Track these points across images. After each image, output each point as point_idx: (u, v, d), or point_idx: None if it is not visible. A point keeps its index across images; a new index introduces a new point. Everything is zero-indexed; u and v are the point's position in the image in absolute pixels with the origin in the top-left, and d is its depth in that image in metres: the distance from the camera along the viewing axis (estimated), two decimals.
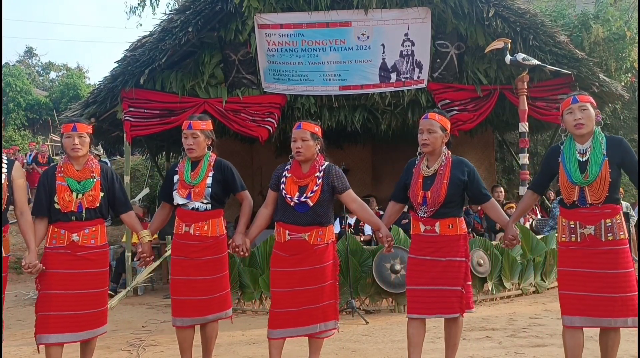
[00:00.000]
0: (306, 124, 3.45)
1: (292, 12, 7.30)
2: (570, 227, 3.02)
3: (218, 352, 4.48)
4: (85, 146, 3.43)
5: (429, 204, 3.23)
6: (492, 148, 11.30)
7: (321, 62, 7.47)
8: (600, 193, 2.92)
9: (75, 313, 3.32)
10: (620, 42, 10.66)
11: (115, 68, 7.32)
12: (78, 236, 3.36)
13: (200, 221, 3.48)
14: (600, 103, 8.29)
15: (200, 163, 3.55)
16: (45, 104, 23.06)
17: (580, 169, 2.97)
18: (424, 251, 3.29)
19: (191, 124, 3.54)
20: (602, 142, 2.98)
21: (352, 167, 10.02)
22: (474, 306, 3.41)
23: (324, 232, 3.37)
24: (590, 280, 2.93)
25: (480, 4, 7.00)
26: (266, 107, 7.53)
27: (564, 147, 3.08)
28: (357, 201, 3.45)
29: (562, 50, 7.21)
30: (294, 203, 3.31)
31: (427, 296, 3.24)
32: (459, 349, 4.25)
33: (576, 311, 2.96)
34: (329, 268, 3.39)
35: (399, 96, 7.63)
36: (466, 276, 3.29)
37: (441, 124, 3.29)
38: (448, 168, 3.26)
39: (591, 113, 3.00)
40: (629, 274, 2.93)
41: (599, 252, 2.94)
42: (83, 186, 3.39)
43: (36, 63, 32.61)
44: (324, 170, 3.38)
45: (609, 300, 2.90)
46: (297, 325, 3.32)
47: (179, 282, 3.50)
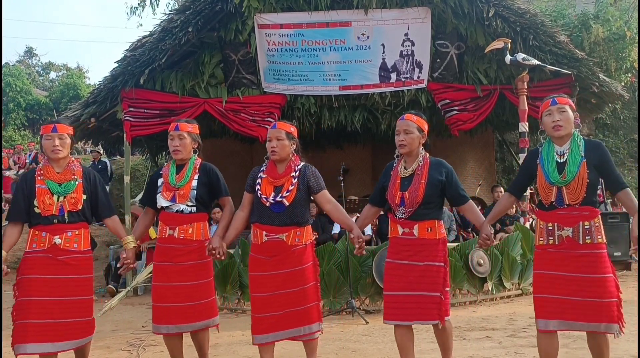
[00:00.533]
0: (281, 123, 3.42)
1: (292, 12, 7.30)
2: (548, 229, 3.00)
3: (218, 351, 4.48)
4: (66, 148, 3.32)
5: (407, 205, 3.19)
6: (492, 148, 11.30)
7: (321, 62, 7.47)
8: (578, 193, 2.91)
9: (55, 322, 3.15)
10: (620, 42, 10.67)
11: (115, 68, 7.32)
12: (60, 239, 3.21)
13: (185, 224, 3.42)
14: (600, 103, 8.31)
15: (186, 165, 3.49)
16: (45, 104, 23.06)
17: (559, 169, 2.97)
18: (401, 255, 3.23)
19: (178, 126, 3.51)
20: (581, 144, 2.99)
21: (352, 167, 10.03)
22: (450, 312, 3.28)
23: (302, 232, 3.33)
24: (566, 283, 2.91)
25: (480, 4, 7.00)
26: (266, 107, 7.53)
27: (542, 149, 3.09)
28: (332, 201, 3.42)
29: (562, 50, 7.21)
30: (269, 203, 3.28)
31: (404, 302, 3.18)
32: (459, 349, 4.26)
33: (551, 315, 2.94)
34: (310, 270, 3.35)
35: (399, 96, 7.63)
36: (445, 282, 3.21)
37: (418, 125, 3.27)
38: (426, 168, 3.24)
39: (570, 115, 3.01)
40: (607, 279, 2.89)
41: (577, 255, 2.92)
42: (64, 189, 3.26)
43: (36, 63, 32.62)
44: (299, 170, 3.36)
45: (585, 304, 2.87)
46: (280, 328, 3.27)
47: (162, 288, 3.42)
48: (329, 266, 5.96)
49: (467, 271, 6.24)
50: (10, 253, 3.32)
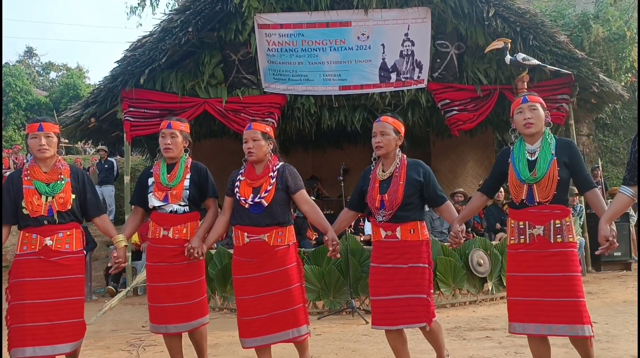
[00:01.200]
0: (256, 124, 3.40)
1: (292, 12, 7.30)
2: (519, 228, 2.99)
3: (218, 351, 4.48)
4: (52, 147, 3.24)
5: (386, 207, 3.18)
6: (492, 148, 11.30)
7: (321, 62, 7.47)
8: (548, 191, 2.91)
9: (52, 324, 3.11)
10: (620, 42, 10.67)
11: (115, 68, 7.32)
12: (51, 241, 3.15)
13: (179, 224, 3.40)
14: (600, 103, 8.32)
15: (177, 164, 3.47)
16: (45, 104, 23.06)
17: (529, 167, 2.96)
18: (385, 258, 3.20)
19: (170, 124, 3.49)
20: (552, 142, 2.99)
21: (352, 167, 10.02)
22: (435, 314, 3.25)
23: (284, 233, 3.30)
24: (540, 284, 2.89)
25: (480, 4, 7.00)
26: (266, 107, 7.53)
27: (514, 147, 3.09)
28: (309, 202, 3.41)
29: (562, 50, 7.22)
30: (248, 205, 3.27)
31: (391, 306, 3.15)
32: (459, 349, 4.27)
33: (527, 318, 2.90)
34: (294, 271, 3.31)
35: (399, 96, 7.63)
36: (430, 283, 3.20)
37: (394, 127, 3.27)
38: (403, 169, 3.23)
39: (540, 113, 3.01)
40: (578, 278, 2.87)
41: (548, 254, 2.90)
42: (52, 189, 3.20)
43: (36, 63, 32.63)
44: (277, 170, 3.35)
45: (561, 304, 2.84)
46: (268, 332, 3.25)
47: (158, 289, 3.40)
48: (329, 266, 5.97)
49: (467, 271, 6.24)
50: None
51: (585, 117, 10.17)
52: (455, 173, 10.75)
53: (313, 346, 4.55)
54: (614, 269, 8.41)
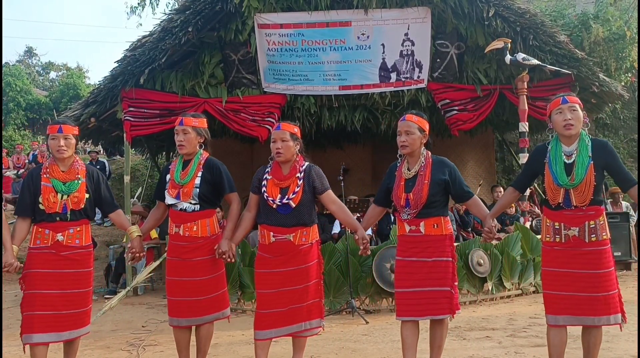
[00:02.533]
0: (285, 124, 3.42)
1: (292, 12, 7.30)
2: (555, 228, 3.05)
3: (218, 351, 4.48)
4: (71, 148, 3.42)
5: (411, 206, 3.24)
6: (492, 148, 11.30)
7: (321, 62, 7.47)
8: (585, 196, 2.96)
9: (59, 313, 3.30)
10: (620, 42, 10.67)
11: (115, 68, 7.31)
12: (62, 236, 3.34)
13: (189, 222, 3.44)
14: (600, 103, 8.31)
15: (191, 162, 3.50)
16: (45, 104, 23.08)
17: (567, 171, 2.99)
18: (409, 252, 3.28)
19: (183, 121, 3.51)
20: (589, 145, 3.01)
21: (352, 167, 10.03)
22: (458, 307, 3.34)
23: (308, 232, 3.37)
24: (574, 280, 2.98)
25: (480, 4, 7.00)
26: (266, 107, 7.52)
27: (550, 148, 3.10)
28: (337, 202, 3.46)
29: (562, 50, 7.21)
30: (276, 205, 3.30)
31: (416, 298, 3.22)
32: (459, 349, 4.27)
33: (560, 311, 3.01)
34: (314, 268, 3.39)
35: (399, 96, 7.63)
36: (453, 276, 3.27)
37: (419, 126, 3.30)
38: (428, 168, 3.27)
39: (580, 114, 3.03)
40: (610, 273, 2.99)
41: (583, 253, 2.98)
42: (68, 188, 3.37)
43: (36, 63, 32.64)
44: (304, 171, 3.39)
45: (592, 299, 2.95)
46: (283, 324, 3.31)
47: (173, 283, 3.49)
48: (329, 266, 5.96)
49: (467, 271, 6.24)
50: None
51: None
52: None
53: (313, 346, 4.55)
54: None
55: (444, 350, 3.83)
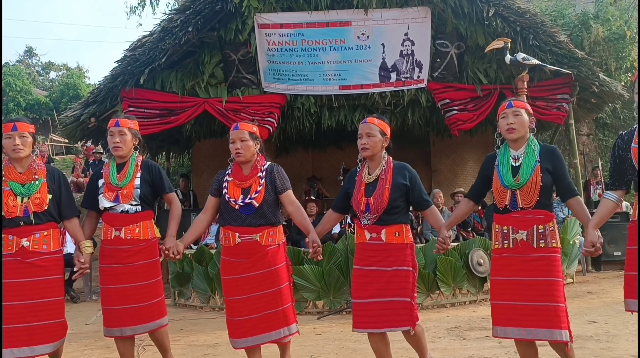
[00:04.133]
0: (243, 124, 3.40)
1: (292, 11, 7.30)
2: (503, 233, 3.00)
3: (218, 351, 4.48)
4: (27, 147, 3.21)
5: (372, 211, 3.16)
6: (492, 148, 11.23)
7: (321, 62, 7.46)
8: (531, 196, 2.92)
9: (29, 325, 3.09)
10: (620, 42, 10.68)
11: (115, 68, 7.31)
12: (28, 242, 3.13)
13: (131, 224, 3.34)
14: (600, 103, 8.31)
15: (127, 164, 3.43)
16: (45, 104, 23.09)
17: (513, 173, 2.98)
18: (369, 260, 3.19)
19: (118, 122, 3.46)
20: (535, 149, 3.00)
21: (352, 167, 9.97)
22: (419, 317, 3.25)
23: (275, 232, 3.31)
24: (522, 288, 2.91)
25: (480, 4, 7.00)
26: (266, 107, 7.53)
27: (499, 153, 3.11)
28: (295, 203, 3.39)
29: (562, 50, 7.21)
30: (238, 206, 3.24)
31: (374, 309, 3.13)
32: (459, 349, 4.27)
33: (509, 322, 2.93)
34: (283, 270, 3.32)
35: (399, 96, 7.63)
36: (413, 287, 3.18)
37: (380, 129, 3.26)
38: (389, 173, 3.22)
39: (524, 119, 3.01)
40: (559, 284, 2.90)
41: (531, 259, 2.92)
42: (27, 189, 3.18)
43: (36, 63, 32.66)
44: (266, 169, 3.34)
45: (541, 308, 2.86)
46: (260, 332, 3.24)
47: (112, 291, 3.35)
48: (329, 266, 5.97)
49: (467, 271, 6.24)
50: None
51: (585, 117, 10.16)
52: (455, 172, 10.75)
53: (313, 346, 4.55)
54: (614, 269, 8.41)
55: (443, 350, 3.83)
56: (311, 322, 5.61)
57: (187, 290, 6.77)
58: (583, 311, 5.52)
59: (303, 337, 4.91)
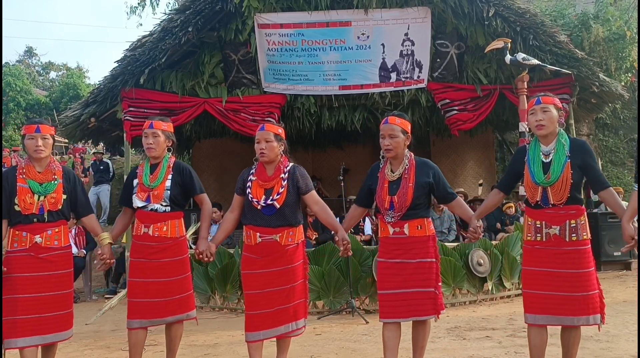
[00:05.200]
0: (269, 125, 3.45)
1: (292, 11, 7.30)
2: (536, 226, 3.07)
3: (218, 351, 4.49)
4: (48, 148, 3.36)
5: (396, 209, 3.23)
6: (492, 148, 11.30)
7: (321, 62, 7.46)
8: (562, 193, 2.98)
9: (41, 316, 3.25)
10: (620, 42, 10.67)
11: (115, 68, 7.31)
12: (41, 238, 3.29)
13: (159, 222, 3.45)
14: (600, 103, 8.31)
15: (159, 165, 3.52)
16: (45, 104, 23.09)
17: (544, 170, 3.02)
18: (392, 253, 3.27)
19: (152, 124, 3.54)
20: (566, 144, 3.04)
21: (352, 167, 10.03)
22: (443, 307, 3.35)
23: (295, 232, 3.37)
24: (554, 279, 2.99)
25: (480, 4, 7.00)
26: (266, 107, 7.52)
27: (529, 148, 3.15)
28: (320, 203, 3.46)
29: (562, 50, 7.21)
30: (260, 206, 3.31)
31: (400, 299, 3.22)
32: (459, 349, 4.27)
33: (539, 310, 3.03)
34: (300, 268, 3.39)
35: (399, 96, 7.63)
36: (437, 277, 3.28)
37: (402, 128, 3.33)
38: (412, 171, 3.28)
39: (553, 114, 3.06)
40: (590, 273, 3.00)
41: (563, 252, 3.00)
42: (45, 189, 3.33)
43: (36, 63, 32.66)
44: (288, 171, 3.39)
45: (571, 298, 2.96)
46: (272, 325, 3.30)
47: (136, 284, 3.46)
48: (329, 266, 5.97)
49: (467, 271, 6.24)
50: None
51: (585, 117, 10.16)
52: (455, 172, 10.75)
53: (313, 346, 4.55)
54: (614, 269, 8.42)
55: (443, 350, 3.83)
56: (311, 322, 5.61)
57: None
58: None
59: (303, 337, 4.90)
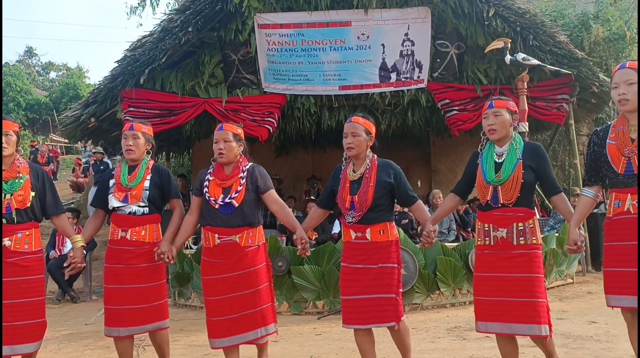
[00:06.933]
0: (228, 125, 3.42)
1: (292, 11, 7.30)
2: (484, 230, 3.06)
3: (218, 352, 4.48)
4: (11, 145, 3.23)
5: (356, 209, 3.21)
6: None
7: (321, 62, 7.47)
8: (512, 193, 2.96)
9: (11, 325, 3.10)
10: (620, 42, 10.68)
11: (115, 68, 7.32)
12: (10, 241, 3.15)
13: (138, 226, 3.40)
14: (600, 103, 8.31)
15: (138, 166, 3.49)
16: (45, 104, 23.12)
17: (495, 169, 3.03)
18: (355, 258, 3.24)
19: (133, 126, 3.51)
20: (518, 147, 3.04)
21: None
22: (404, 314, 3.30)
23: (255, 233, 3.34)
24: (503, 284, 2.96)
25: (480, 4, 7.00)
26: (266, 107, 7.53)
27: (483, 150, 3.17)
28: (279, 202, 3.44)
29: (562, 50, 7.21)
30: (218, 205, 3.27)
31: (361, 305, 3.19)
32: (459, 349, 4.27)
33: (490, 317, 3.01)
34: (263, 271, 3.35)
35: (399, 96, 7.63)
36: (399, 283, 3.24)
37: (365, 128, 3.30)
38: (374, 171, 3.26)
39: (505, 119, 3.06)
40: (539, 279, 2.95)
41: (511, 256, 2.97)
42: (10, 186, 3.19)
43: (36, 63, 32.69)
44: (247, 170, 3.37)
45: (521, 304, 2.92)
46: (238, 332, 3.26)
47: (113, 291, 3.40)
48: (329, 266, 5.97)
49: (467, 271, 6.24)
50: None
51: (585, 117, 10.16)
52: (455, 172, 10.74)
53: (313, 346, 4.56)
54: None
55: (443, 350, 3.83)
56: (311, 322, 5.61)
57: (187, 290, 6.78)
58: (583, 312, 5.52)
59: (303, 337, 4.91)
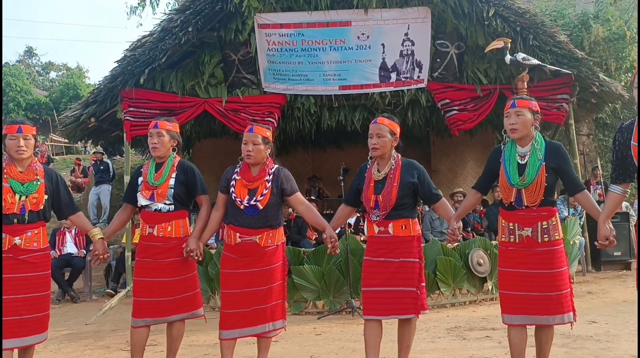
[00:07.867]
0: (258, 128, 3.49)
1: (292, 11, 7.30)
2: (509, 228, 3.12)
3: (218, 351, 4.47)
4: (30, 149, 3.33)
5: (380, 208, 3.29)
6: (492, 148, 11.27)
7: (321, 62, 7.47)
8: (536, 196, 3.03)
9: (21, 318, 3.23)
10: (620, 42, 10.67)
11: (115, 68, 7.32)
12: (20, 240, 3.26)
13: (164, 222, 3.48)
14: (600, 103, 8.32)
15: (164, 164, 3.55)
16: (45, 104, 23.12)
17: (519, 171, 3.07)
18: (378, 252, 3.33)
19: (157, 124, 3.56)
20: (540, 148, 3.08)
21: (352, 167, 10.00)
22: (425, 308, 3.37)
23: (275, 234, 3.42)
24: (527, 280, 3.04)
25: (480, 4, 7.00)
26: (266, 107, 7.53)
27: (505, 149, 3.20)
28: (305, 203, 3.53)
29: (562, 50, 7.21)
30: (243, 207, 3.34)
31: (382, 297, 3.27)
32: (459, 349, 4.27)
33: (515, 310, 3.08)
34: (278, 269, 3.44)
35: (399, 96, 7.63)
36: (420, 277, 3.32)
37: (390, 129, 3.36)
38: (398, 171, 3.33)
39: (527, 118, 3.10)
40: (563, 273, 3.05)
41: (536, 253, 3.05)
42: (27, 189, 3.30)
43: (36, 63, 32.69)
44: (273, 173, 3.43)
45: (545, 298, 3.02)
46: (246, 325, 3.34)
47: (142, 284, 3.49)
48: (329, 266, 5.97)
49: (467, 271, 6.24)
50: None
51: (585, 117, 10.16)
52: (455, 172, 10.75)
53: (313, 346, 4.56)
54: (614, 269, 8.41)
55: (443, 350, 3.83)
56: (311, 322, 5.61)
57: None
58: (583, 312, 5.52)
59: (303, 337, 4.92)
